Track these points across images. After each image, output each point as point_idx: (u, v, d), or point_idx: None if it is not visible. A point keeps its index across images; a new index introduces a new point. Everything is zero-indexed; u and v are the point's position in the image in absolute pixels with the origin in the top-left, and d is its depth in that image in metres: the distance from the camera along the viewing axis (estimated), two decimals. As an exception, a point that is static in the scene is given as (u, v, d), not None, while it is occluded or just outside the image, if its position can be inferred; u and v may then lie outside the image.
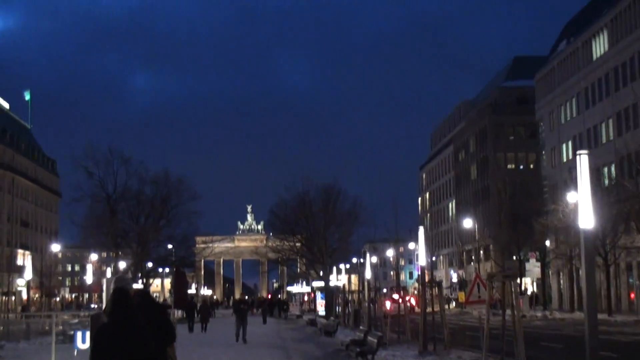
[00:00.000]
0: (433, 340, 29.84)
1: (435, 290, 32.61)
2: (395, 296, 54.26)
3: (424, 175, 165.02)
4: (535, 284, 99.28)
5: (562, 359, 28.51)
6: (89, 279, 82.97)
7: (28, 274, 52.53)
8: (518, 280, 76.69)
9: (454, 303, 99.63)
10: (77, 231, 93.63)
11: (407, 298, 51.95)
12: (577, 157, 14.42)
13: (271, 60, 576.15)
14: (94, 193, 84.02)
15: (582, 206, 14.11)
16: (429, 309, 31.77)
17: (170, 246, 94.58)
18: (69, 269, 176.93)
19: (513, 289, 21.01)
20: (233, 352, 33.83)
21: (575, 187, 52.84)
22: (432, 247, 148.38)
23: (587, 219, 14.01)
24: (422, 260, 31.57)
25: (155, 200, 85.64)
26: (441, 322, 29.79)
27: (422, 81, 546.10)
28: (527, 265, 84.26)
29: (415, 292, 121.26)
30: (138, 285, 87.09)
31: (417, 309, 46.75)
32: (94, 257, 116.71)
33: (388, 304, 51.42)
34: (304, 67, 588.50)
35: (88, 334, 16.64)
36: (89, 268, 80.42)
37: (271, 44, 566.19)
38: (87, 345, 18.13)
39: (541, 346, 33.17)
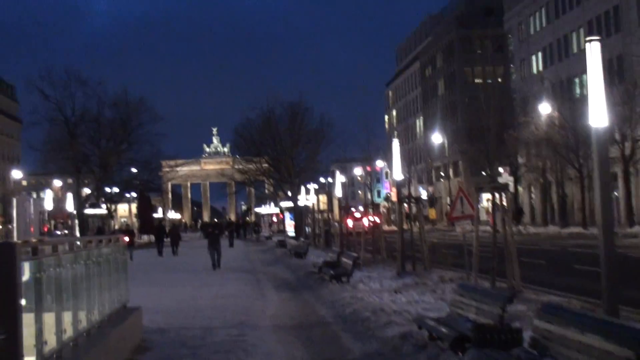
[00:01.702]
0: (412, 259, 28.19)
1: (408, 207, 30.90)
2: (357, 215, 52.62)
3: (390, 93, 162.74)
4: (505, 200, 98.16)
5: (549, 275, 26.79)
6: (48, 205, 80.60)
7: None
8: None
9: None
10: (38, 157, 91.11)
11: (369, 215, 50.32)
12: (587, 45, 12.35)
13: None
14: (51, 117, 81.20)
15: (594, 102, 12.15)
16: (405, 227, 30.02)
17: (134, 170, 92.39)
18: (35, 196, 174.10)
19: (505, 202, 19.24)
20: (201, 278, 32.08)
21: (547, 99, 51.03)
22: (394, 166, 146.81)
23: (599, 116, 12.08)
24: (397, 174, 29.71)
25: (115, 123, 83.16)
26: (420, 240, 28.09)
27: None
28: (499, 180, 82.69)
29: (384, 210, 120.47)
30: (102, 210, 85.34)
31: (385, 228, 44.99)
32: (57, 183, 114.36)
33: (350, 223, 49.89)
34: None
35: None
36: (49, 194, 78.04)
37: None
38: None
39: (523, 262, 31.43)
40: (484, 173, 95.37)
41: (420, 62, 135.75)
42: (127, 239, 49.88)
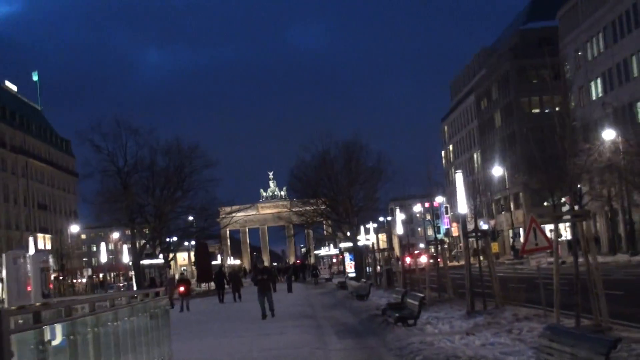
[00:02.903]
0: (482, 297, 26.27)
1: (476, 242, 29.00)
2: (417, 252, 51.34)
3: (446, 128, 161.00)
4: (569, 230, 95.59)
5: (632, 307, 24.58)
6: (103, 257, 79.84)
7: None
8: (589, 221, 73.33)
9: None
10: (93, 209, 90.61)
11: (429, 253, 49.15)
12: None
13: (283, 26, 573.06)
14: (104, 168, 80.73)
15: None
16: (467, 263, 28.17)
17: (190, 218, 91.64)
18: (94, 249, 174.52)
19: (585, 231, 17.40)
20: (259, 326, 30.46)
21: (609, 125, 48.89)
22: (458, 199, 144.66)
23: None
24: (461, 208, 27.91)
25: (168, 171, 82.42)
26: (489, 275, 26.21)
27: (438, 34, 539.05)
28: (563, 209, 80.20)
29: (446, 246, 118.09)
30: (159, 260, 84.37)
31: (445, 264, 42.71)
32: (115, 235, 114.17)
33: (424, 259, 48.63)
34: (316, 29, 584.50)
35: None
36: (103, 247, 77.30)
37: (282, 9, 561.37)
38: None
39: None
40: (545, 204, 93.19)
41: (475, 95, 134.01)
42: (182, 288, 49.01)
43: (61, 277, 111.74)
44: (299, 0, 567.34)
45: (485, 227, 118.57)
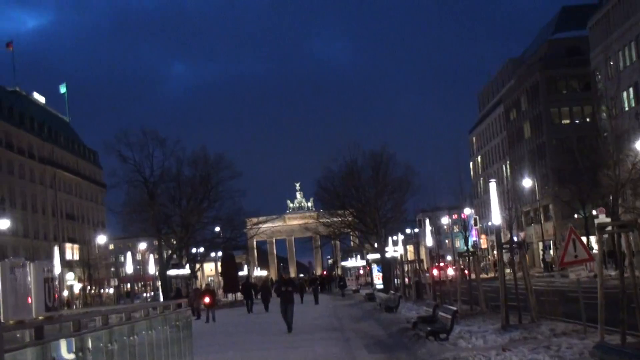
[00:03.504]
0: (517, 310, 25.32)
1: (511, 254, 28.04)
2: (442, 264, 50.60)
3: (474, 139, 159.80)
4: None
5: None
6: (129, 267, 79.38)
7: (57, 267, 48.57)
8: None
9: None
10: (119, 220, 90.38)
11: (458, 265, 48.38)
12: None
13: (307, 38, 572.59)
14: (130, 178, 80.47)
15: None
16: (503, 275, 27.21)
17: (217, 229, 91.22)
18: (122, 259, 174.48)
19: (632, 243, 16.51)
20: (287, 338, 29.68)
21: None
22: (487, 212, 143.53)
23: None
24: (495, 218, 26.97)
25: (195, 181, 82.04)
26: (525, 289, 25.27)
27: (465, 45, 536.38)
28: (596, 222, 78.83)
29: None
30: (185, 271, 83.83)
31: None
32: (142, 246, 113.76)
33: (435, 272, 47.91)
34: (341, 42, 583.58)
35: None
36: (129, 257, 76.81)
37: (306, 21, 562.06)
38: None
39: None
40: (576, 216, 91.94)
41: (504, 106, 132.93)
42: (207, 299, 48.36)
43: (88, 288, 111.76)
44: (323, 13, 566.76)
45: (514, 239, 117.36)
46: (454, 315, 23.49)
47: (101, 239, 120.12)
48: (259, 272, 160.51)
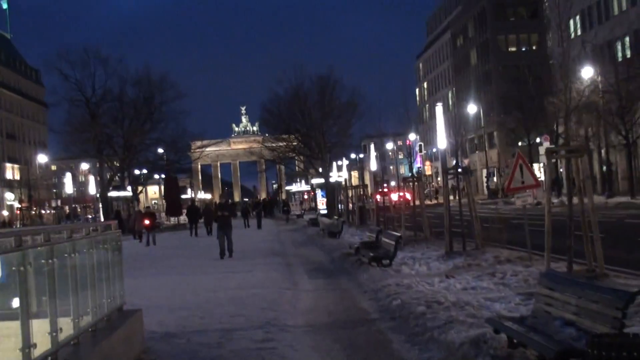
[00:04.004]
0: (461, 237, 24.93)
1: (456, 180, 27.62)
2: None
3: (420, 65, 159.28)
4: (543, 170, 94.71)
5: (618, 251, 23.16)
6: (69, 188, 78.15)
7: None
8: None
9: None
10: (60, 140, 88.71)
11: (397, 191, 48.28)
12: None
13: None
14: (71, 97, 78.78)
15: None
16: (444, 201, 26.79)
17: (161, 150, 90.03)
18: (64, 180, 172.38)
19: (581, 169, 16.04)
20: (226, 263, 29.17)
21: (588, 63, 47.43)
22: (432, 138, 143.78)
23: None
24: (441, 143, 26.52)
25: (138, 101, 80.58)
26: (469, 215, 24.86)
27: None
28: (540, 150, 78.78)
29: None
30: (127, 193, 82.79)
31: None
32: (84, 166, 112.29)
33: (379, 197, 47.65)
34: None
35: None
36: (68, 178, 75.52)
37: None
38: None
39: (580, 237, 28.23)
40: (520, 143, 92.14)
41: (451, 32, 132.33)
42: (147, 222, 47.64)
43: (28, 208, 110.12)
44: None
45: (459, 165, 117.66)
46: (397, 241, 23.09)
47: (42, 159, 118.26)
48: (203, 196, 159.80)
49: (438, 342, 11.57)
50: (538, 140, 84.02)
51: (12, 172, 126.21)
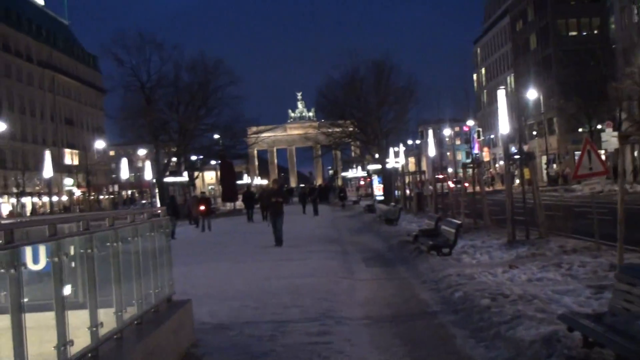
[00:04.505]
0: (524, 225, 23.99)
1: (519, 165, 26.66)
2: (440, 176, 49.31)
3: (478, 50, 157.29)
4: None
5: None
6: (124, 174, 78.07)
7: (48, 171, 47.09)
8: None
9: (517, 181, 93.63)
10: (116, 125, 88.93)
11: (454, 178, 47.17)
12: None
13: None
14: (127, 83, 78.67)
15: None
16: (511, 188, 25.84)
17: (216, 136, 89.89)
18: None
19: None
20: (282, 250, 28.48)
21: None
22: (490, 124, 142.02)
23: None
24: (503, 127, 25.50)
25: (193, 87, 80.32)
26: (533, 203, 23.93)
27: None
28: (603, 136, 76.96)
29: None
30: (183, 178, 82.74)
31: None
32: (141, 152, 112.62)
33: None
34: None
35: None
36: (124, 163, 75.39)
37: None
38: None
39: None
40: (580, 130, 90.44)
41: (510, 16, 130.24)
42: (202, 207, 47.31)
43: (86, 194, 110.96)
44: None
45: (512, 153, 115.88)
46: (457, 228, 22.26)
47: (99, 145, 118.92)
48: (260, 181, 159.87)
49: (505, 339, 10.76)
50: (599, 126, 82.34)
51: (70, 157, 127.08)
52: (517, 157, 26.29)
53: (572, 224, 25.06)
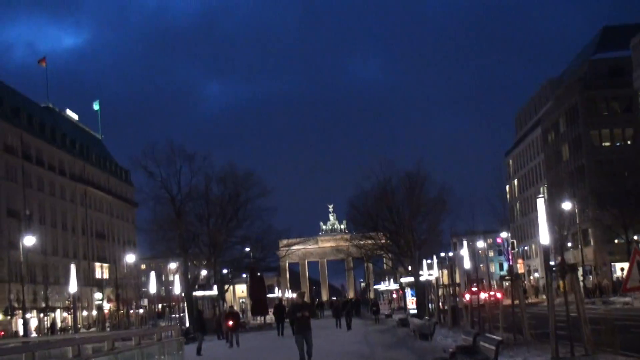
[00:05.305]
0: (568, 340, 22.66)
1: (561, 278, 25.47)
2: (474, 288, 47.87)
3: (510, 162, 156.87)
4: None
5: None
6: (152, 288, 76.88)
7: (73, 285, 46.07)
8: None
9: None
10: (146, 238, 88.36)
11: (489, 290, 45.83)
12: None
13: (340, 58, 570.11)
14: (157, 195, 78.15)
15: None
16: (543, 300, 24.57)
17: (247, 249, 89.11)
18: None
19: None
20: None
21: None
22: (523, 236, 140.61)
23: None
24: (544, 238, 24.41)
25: (223, 199, 79.81)
26: (578, 316, 22.64)
27: (503, 64, 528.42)
28: (640, 247, 75.93)
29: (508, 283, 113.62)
30: (212, 292, 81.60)
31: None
32: (172, 265, 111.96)
33: (467, 297, 45.25)
34: (374, 60, 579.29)
35: None
36: (152, 277, 74.26)
37: (339, 40, 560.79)
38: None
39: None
40: (616, 241, 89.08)
41: (542, 127, 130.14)
42: (230, 322, 46.20)
43: (116, 308, 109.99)
44: (356, 31, 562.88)
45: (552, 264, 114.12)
46: (498, 345, 20.99)
47: (130, 258, 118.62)
48: (291, 295, 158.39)
49: None
50: (635, 237, 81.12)
51: (100, 271, 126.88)
52: (557, 268, 25.02)
53: (619, 339, 23.66)
